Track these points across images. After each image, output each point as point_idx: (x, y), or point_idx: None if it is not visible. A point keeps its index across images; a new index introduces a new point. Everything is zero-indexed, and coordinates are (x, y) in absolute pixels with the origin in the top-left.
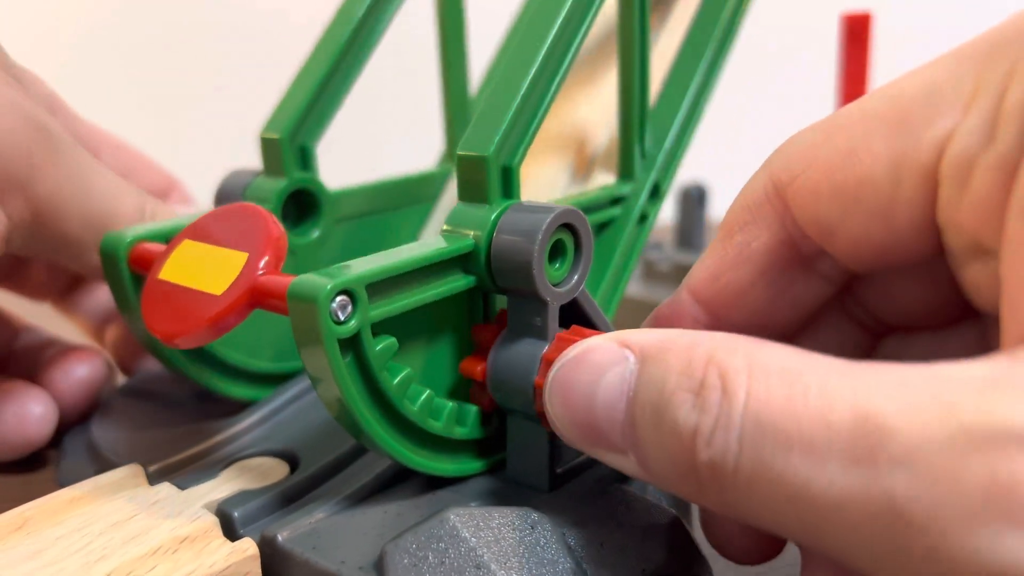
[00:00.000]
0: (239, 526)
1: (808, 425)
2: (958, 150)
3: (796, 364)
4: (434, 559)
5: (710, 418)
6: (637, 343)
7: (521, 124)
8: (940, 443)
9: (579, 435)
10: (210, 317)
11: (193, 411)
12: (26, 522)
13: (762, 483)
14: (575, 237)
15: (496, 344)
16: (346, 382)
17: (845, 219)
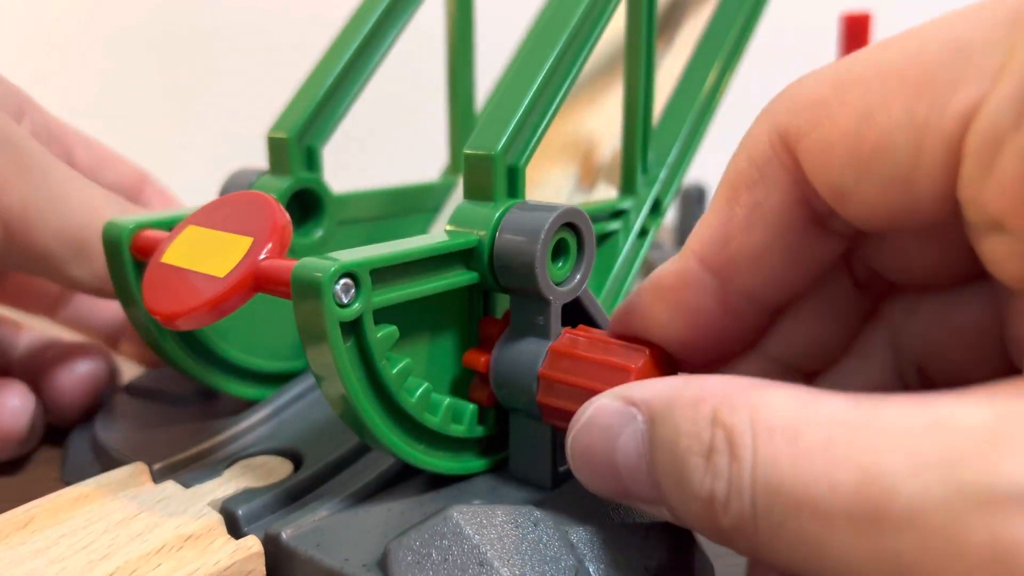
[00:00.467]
0: (243, 524)
1: (815, 488)
2: (986, 126)
3: (800, 418)
4: (437, 556)
5: (723, 484)
6: (642, 400)
7: (529, 125)
8: (941, 503)
9: (613, 494)
10: (210, 298)
11: (197, 409)
12: (31, 520)
13: (781, 544)
14: (578, 236)
15: (499, 343)
16: (346, 368)
17: (859, 184)
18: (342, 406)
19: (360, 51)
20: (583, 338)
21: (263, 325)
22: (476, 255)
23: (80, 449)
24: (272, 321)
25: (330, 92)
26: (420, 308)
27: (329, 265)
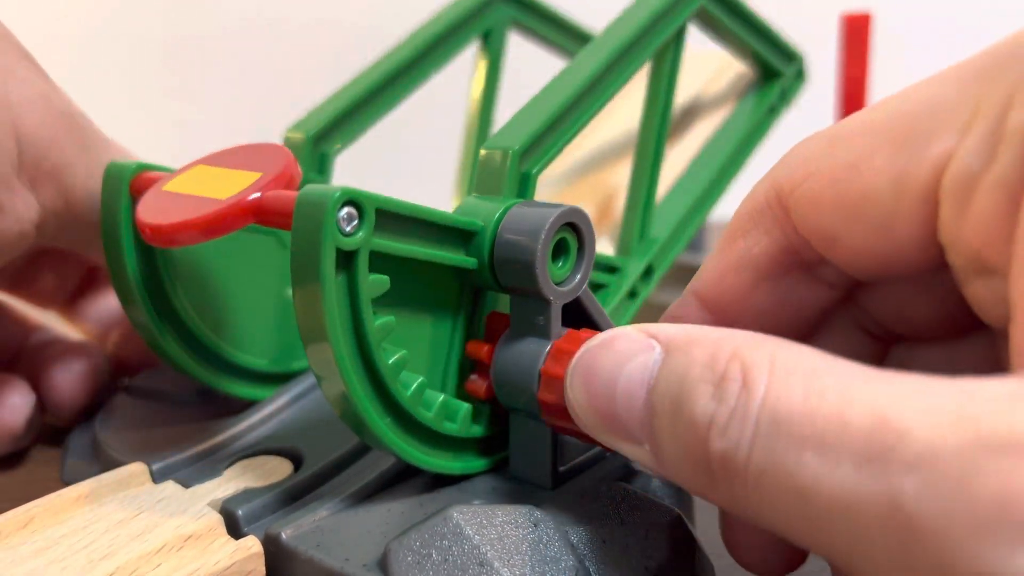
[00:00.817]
0: (243, 524)
1: (824, 423)
2: (959, 169)
3: (819, 365)
4: (438, 557)
5: (727, 409)
6: (664, 334)
7: (548, 138)
8: (954, 449)
9: (597, 421)
10: (206, 214)
11: (197, 409)
12: (31, 520)
13: (772, 478)
14: (578, 236)
15: (499, 343)
16: (332, 304)
17: (847, 231)
18: (324, 360)
19: (397, 74)
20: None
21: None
22: (477, 243)
23: (80, 449)
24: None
25: (356, 105)
26: (413, 291)
27: (335, 190)
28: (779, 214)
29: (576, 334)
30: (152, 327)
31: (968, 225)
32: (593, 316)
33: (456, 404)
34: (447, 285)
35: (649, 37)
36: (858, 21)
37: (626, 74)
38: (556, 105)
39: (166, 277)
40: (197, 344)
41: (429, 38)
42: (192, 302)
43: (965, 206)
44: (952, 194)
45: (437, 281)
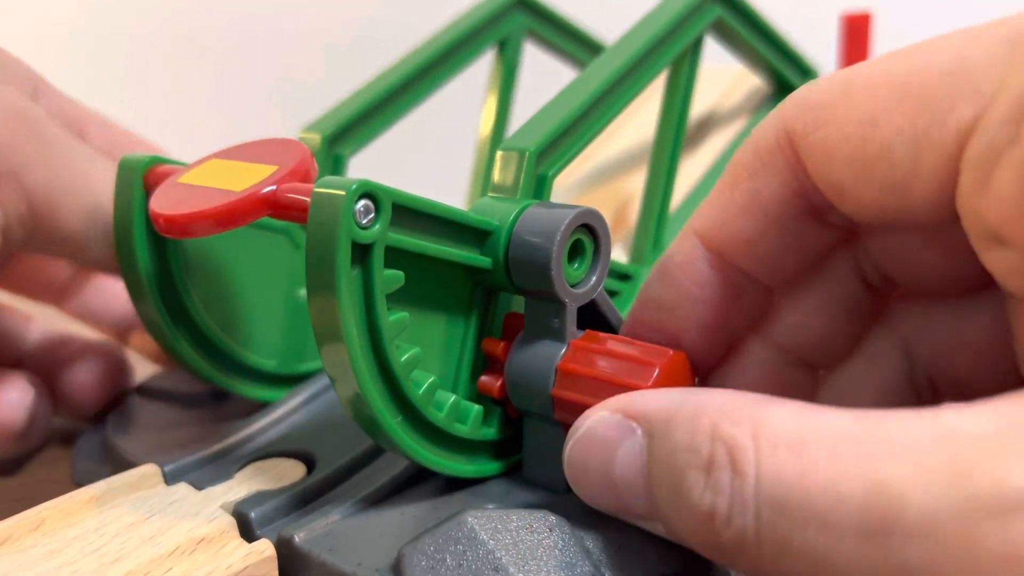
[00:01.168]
0: (256, 527)
1: (821, 500)
2: (983, 141)
3: (804, 432)
4: (452, 562)
5: (724, 499)
6: (641, 413)
7: (566, 140)
8: (953, 513)
9: (609, 507)
10: (221, 205)
11: (209, 411)
12: (42, 522)
13: (786, 555)
14: (594, 238)
15: (514, 345)
16: (346, 299)
17: (859, 186)
18: (338, 358)
19: (413, 79)
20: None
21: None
22: (492, 243)
23: (91, 450)
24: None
25: (372, 108)
26: (427, 289)
27: (352, 182)
28: (790, 157)
29: (582, 345)
30: (163, 325)
31: (988, 199)
32: (608, 318)
33: (467, 406)
34: (460, 284)
35: (666, 45)
36: (858, 21)
37: (643, 81)
38: (573, 108)
39: (178, 275)
40: (209, 344)
41: (445, 44)
42: (204, 301)
43: (986, 180)
44: (974, 165)
45: (450, 280)
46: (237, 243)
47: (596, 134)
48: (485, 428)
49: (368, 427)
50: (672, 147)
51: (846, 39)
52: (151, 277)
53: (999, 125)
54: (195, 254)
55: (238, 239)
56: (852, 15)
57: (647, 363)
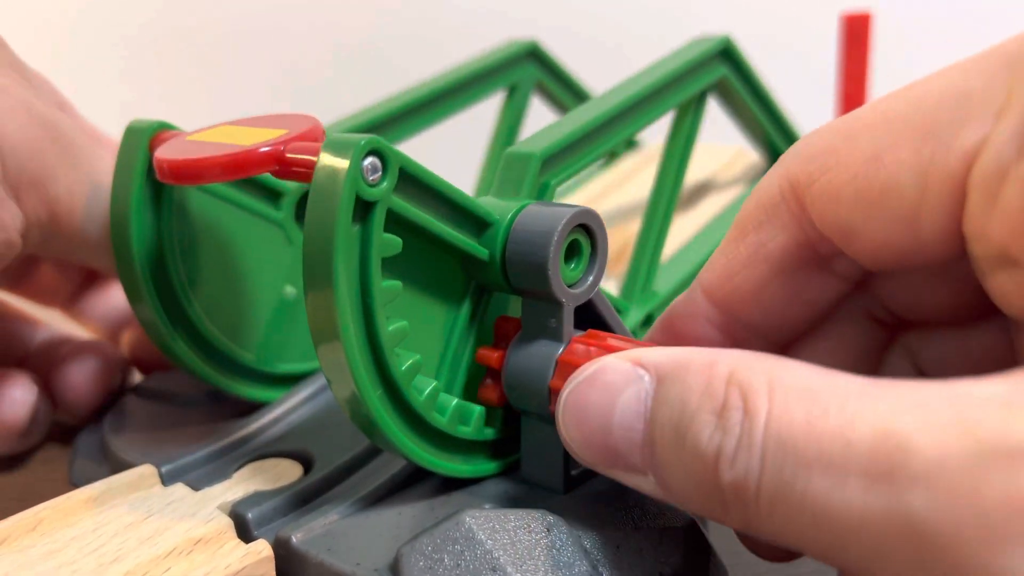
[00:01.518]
0: (253, 527)
1: (828, 444)
2: (990, 160)
3: (817, 383)
4: (450, 561)
5: (732, 439)
6: (652, 362)
7: (572, 152)
8: (959, 460)
9: (595, 457)
10: (229, 153)
11: (206, 411)
12: (40, 522)
13: (784, 503)
14: (591, 238)
15: (511, 346)
16: (343, 253)
17: (867, 224)
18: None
19: (419, 107)
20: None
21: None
22: (491, 235)
23: (88, 451)
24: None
25: (373, 129)
26: (421, 274)
27: (362, 137)
28: (794, 208)
29: (583, 340)
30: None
31: (996, 217)
32: (606, 319)
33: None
34: (455, 277)
35: (674, 88)
36: (858, 21)
37: (649, 115)
38: (582, 124)
39: (173, 267)
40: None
41: (457, 79)
42: (199, 299)
43: (994, 197)
44: (982, 185)
45: (446, 272)
46: (232, 234)
47: (600, 155)
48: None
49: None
50: (669, 194)
51: (846, 39)
52: (144, 261)
53: (1005, 143)
54: (191, 244)
55: (234, 229)
56: (852, 15)
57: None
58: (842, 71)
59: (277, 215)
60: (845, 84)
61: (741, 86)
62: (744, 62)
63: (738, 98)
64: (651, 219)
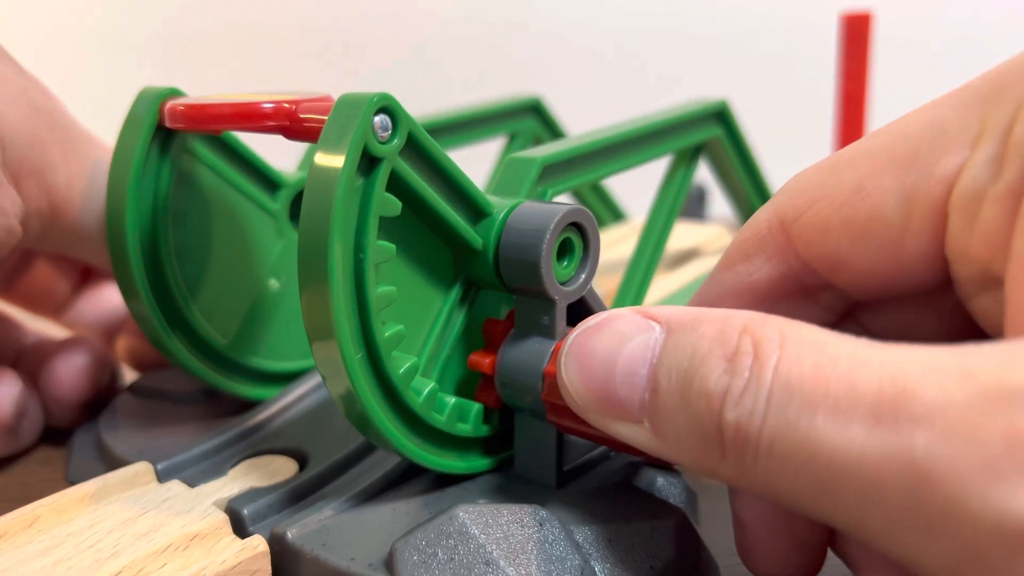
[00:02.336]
0: (249, 523)
1: (835, 388)
2: (967, 183)
3: (827, 337)
4: (443, 556)
5: (740, 380)
6: (664, 315)
7: (569, 169)
8: (961, 402)
9: (592, 402)
10: (240, 103)
11: (201, 408)
12: (37, 519)
13: (785, 443)
14: (583, 236)
15: (504, 343)
16: (342, 203)
17: (854, 252)
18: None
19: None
20: None
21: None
22: (486, 225)
23: (84, 449)
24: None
25: None
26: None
27: (374, 94)
28: (781, 241)
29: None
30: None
31: (976, 235)
32: None
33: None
34: (445, 265)
35: (672, 134)
36: (858, 21)
37: (645, 154)
38: (583, 143)
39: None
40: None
41: (458, 117)
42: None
43: (973, 217)
44: (961, 207)
45: (436, 258)
46: (226, 214)
47: (597, 177)
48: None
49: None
50: (655, 245)
51: (846, 39)
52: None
53: (981, 166)
54: (184, 220)
55: (229, 210)
56: (852, 15)
57: None
58: (842, 71)
59: (273, 206)
60: (845, 84)
61: (731, 148)
62: (737, 127)
63: (727, 160)
64: (635, 268)
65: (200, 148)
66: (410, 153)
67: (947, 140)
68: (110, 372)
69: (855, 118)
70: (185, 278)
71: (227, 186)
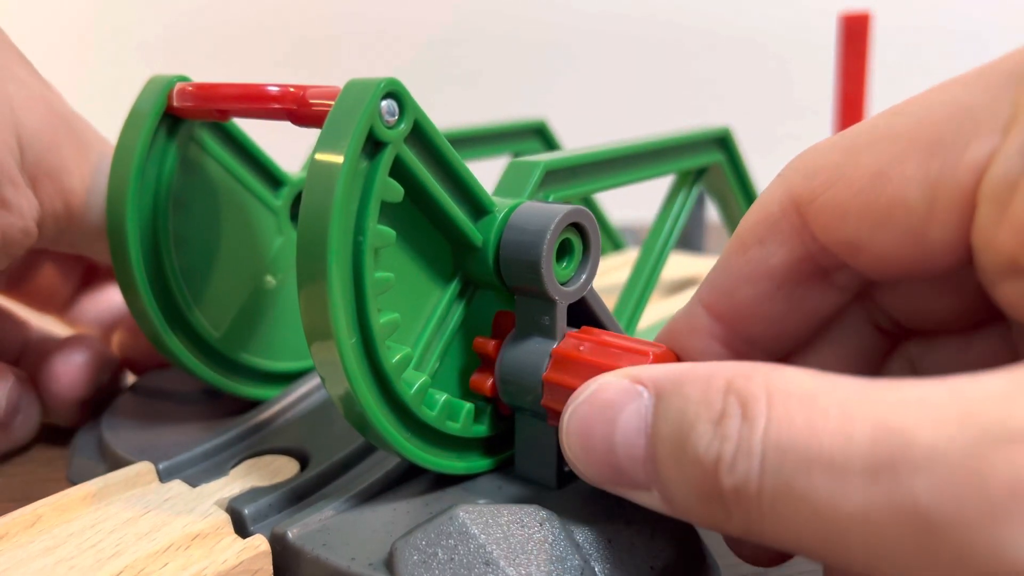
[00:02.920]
0: (250, 523)
1: (829, 442)
2: (1000, 173)
3: (815, 387)
4: (444, 556)
5: (731, 445)
6: (650, 378)
7: (572, 177)
8: (961, 446)
9: (601, 476)
10: (248, 85)
11: (203, 409)
12: (39, 519)
13: (786, 504)
14: (583, 237)
15: (505, 343)
16: (345, 184)
17: (874, 237)
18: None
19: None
20: (588, 340)
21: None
22: (487, 223)
23: (86, 449)
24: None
25: None
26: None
27: (382, 80)
28: (796, 223)
29: (577, 336)
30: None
31: (1005, 228)
32: (599, 317)
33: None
34: (444, 261)
35: (674, 154)
36: (857, 21)
37: (648, 171)
38: (587, 153)
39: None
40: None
41: (463, 133)
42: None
43: (1004, 209)
44: (992, 197)
45: (436, 253)
46: (227, 206)
47: (597, 188)
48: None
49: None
50: (654, 263)
51: (845, 39)
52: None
53: (1015, 156)
54: (185, 208)
55: (229, 201)
56: (851, 15)
57: (641, 352)
58: (841, 71)
59: (275, 202)
60: (844, 85)
61: (732, 175)
62: (738, 154)
63: (727, 186)
64: (631, 290)
65: (206, 138)
66: (415, 141)
67: (975, 125)
68: (110, 371)
69: (854, 118)
70: (182, 266)
71: (230, 178)
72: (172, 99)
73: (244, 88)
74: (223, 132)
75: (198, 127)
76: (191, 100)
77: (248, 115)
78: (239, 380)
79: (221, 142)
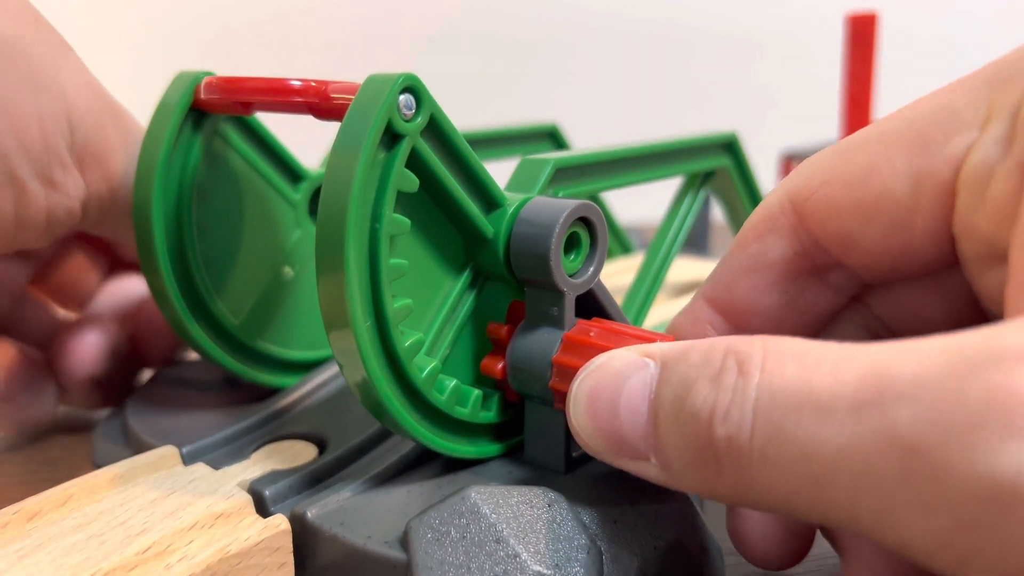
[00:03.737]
0: (271, 503)
1: (818, 386)
2: (977, 160)
3: (810, 347)
4: (456, 534)
5: (726, 396)
6: (658, 351)
7: (581, 175)
8: (942, 372)
9: (604, 444)
10: (272, 78)
11: (224, 396)
12: (69, 498)
13: (775, 448)
14: (590, 230)
15: (516, 333)
16: (363, 174)
17: (864, 230)
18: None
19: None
20: (598, 327)
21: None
22: (498, 216)
23: (112, 434)
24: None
25: None
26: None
27: (401, 75)
28: (793, 220)
29: (587, 325)
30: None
31: (983, 211)
32: (607, 308)
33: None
34: (456, 252)
35: (683, 157)
36: (863, 21)
37: (656, 172)
38: (597, 152)
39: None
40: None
41: (476, 135)
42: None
43: (982, 194)
44: (970, 183)
45: (449, 244)
46: (248, 198)
47: (607, 187)
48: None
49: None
50: (661, 263)
51: (851, 39)
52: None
53: (991, 144)
54: (208, 198)
55: (250, 194)
56: (857, 15)
57: (648, 339)
58: (847, 71)
59: (294, 196)
60: (850, 85)
61: (739, 180)
62: (745, 159)
63: (734, 191)
64: (636, 290)
65: (230, 132)
66: (431, 135)
67: (957, 122)
68: (121, 354)
69: (860, 118)
70: (204, 255)
71: (252, 171)
72: (199, 93)
73: (268, 82)
74: (246, 127)
75: (222, 121)
76: (218, 92)
77: (272, 109)
78: (256, 367)
79: (244, 137)
